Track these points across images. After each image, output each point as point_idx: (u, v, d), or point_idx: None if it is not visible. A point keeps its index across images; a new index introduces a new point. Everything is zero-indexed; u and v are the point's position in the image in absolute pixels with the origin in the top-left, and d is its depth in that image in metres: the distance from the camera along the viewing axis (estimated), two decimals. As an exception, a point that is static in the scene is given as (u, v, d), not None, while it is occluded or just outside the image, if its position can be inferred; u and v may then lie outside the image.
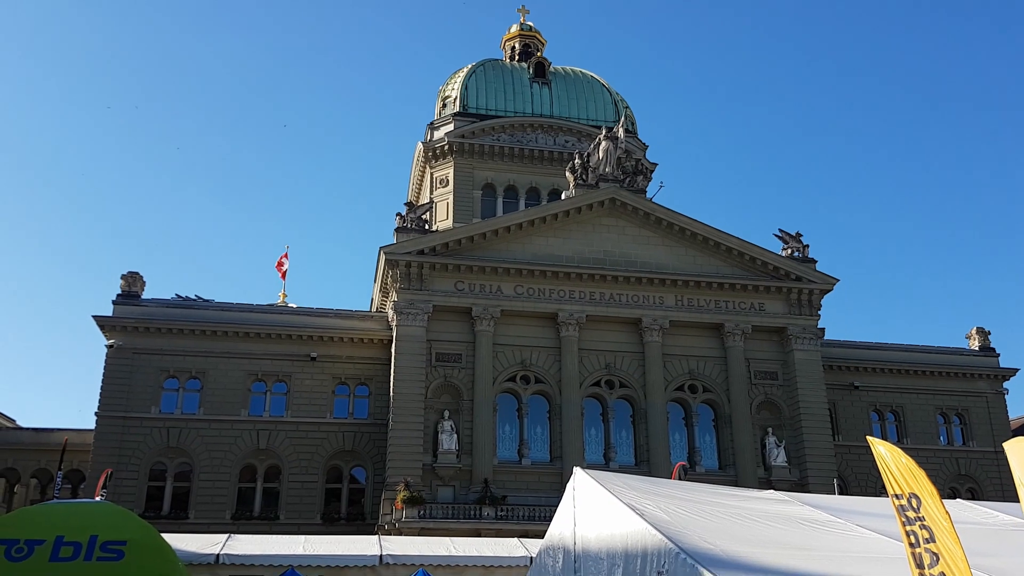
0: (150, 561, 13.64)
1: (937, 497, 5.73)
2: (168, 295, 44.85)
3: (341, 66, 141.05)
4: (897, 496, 5.95)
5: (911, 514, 5.80)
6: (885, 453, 6.18)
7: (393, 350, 40.61)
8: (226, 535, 22.85)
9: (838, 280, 44.82)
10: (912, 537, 5.77)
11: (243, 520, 39.46)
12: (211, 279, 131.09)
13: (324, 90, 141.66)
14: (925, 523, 5.70)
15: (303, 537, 23.76)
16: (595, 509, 10.93)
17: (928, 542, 5.62)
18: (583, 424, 40.90)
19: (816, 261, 45.51)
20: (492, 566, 21.17)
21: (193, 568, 17.94)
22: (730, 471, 40.94)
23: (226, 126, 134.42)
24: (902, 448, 6.77)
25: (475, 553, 22.02)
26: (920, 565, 5.61)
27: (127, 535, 13.84)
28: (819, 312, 44.75)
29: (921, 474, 5.87)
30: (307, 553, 20.80)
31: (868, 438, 7.75)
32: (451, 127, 56.22)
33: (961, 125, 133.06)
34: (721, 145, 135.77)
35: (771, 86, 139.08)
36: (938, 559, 5.56)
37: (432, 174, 56.40)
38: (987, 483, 47.47)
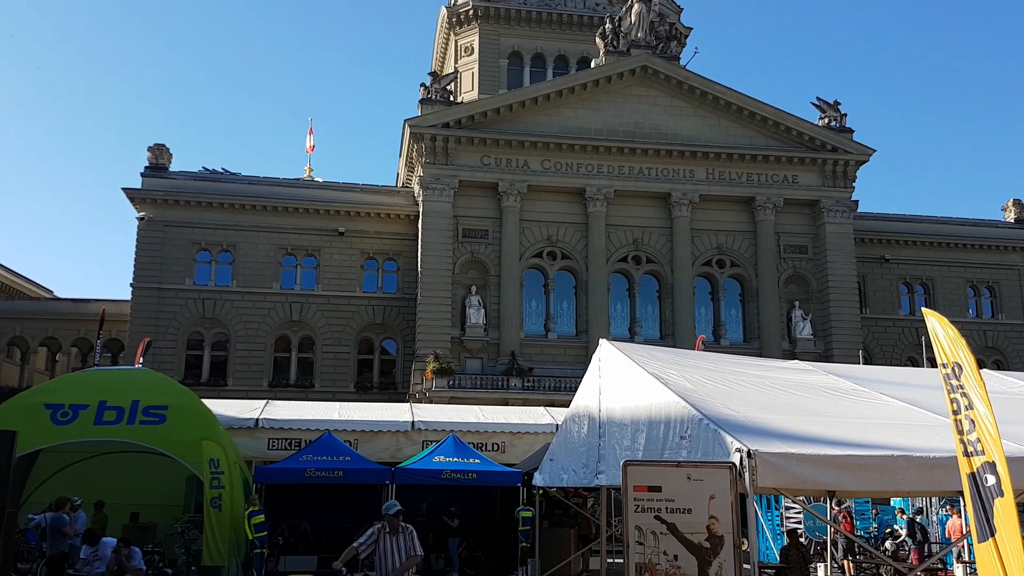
0: (191, 424, 14.30)
1: (975, 366, 5.85)
2: (194, 168, 44.97)
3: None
4: (944, 365, 6.09)
5: (954, 382, 5.97)
6: (935, 323, 6.28)
7: (420, 225, 40.65)
8: (264, 401, 23.72)
9: (875, 151, 43.52)
10: (955, 404, 5.95)
11: (279, 388, 41.03)
12: (234, 152, 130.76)
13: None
14: (965, 391, 5.84)
15: (338, 404, 24.56)
16: (620, 378, 11.09)
17: (968, 409, 5.78)
18: (609, 299, 41.17)
19: (853, 131, 44.08)
20: (519, 432, 21.82)
21: (233, 432, 18.72)
22: (755, 344, 41.30)
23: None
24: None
25: (503, 420, 22.70)
26: (960, 431, 5.80)
27: (168, 400, 14.40)
28: (854, 184, 43.75)
29: (962, 343, 5.97)
30: (342, 419, 21.55)
31: (923, 309, 7.76)
32: (475, -10, 53.80)
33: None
34: (758, 9, 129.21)
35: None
36: (974, 425, 5.71)
37: (457, 42, 54.50)
38: (1013, 355, 47.62)
